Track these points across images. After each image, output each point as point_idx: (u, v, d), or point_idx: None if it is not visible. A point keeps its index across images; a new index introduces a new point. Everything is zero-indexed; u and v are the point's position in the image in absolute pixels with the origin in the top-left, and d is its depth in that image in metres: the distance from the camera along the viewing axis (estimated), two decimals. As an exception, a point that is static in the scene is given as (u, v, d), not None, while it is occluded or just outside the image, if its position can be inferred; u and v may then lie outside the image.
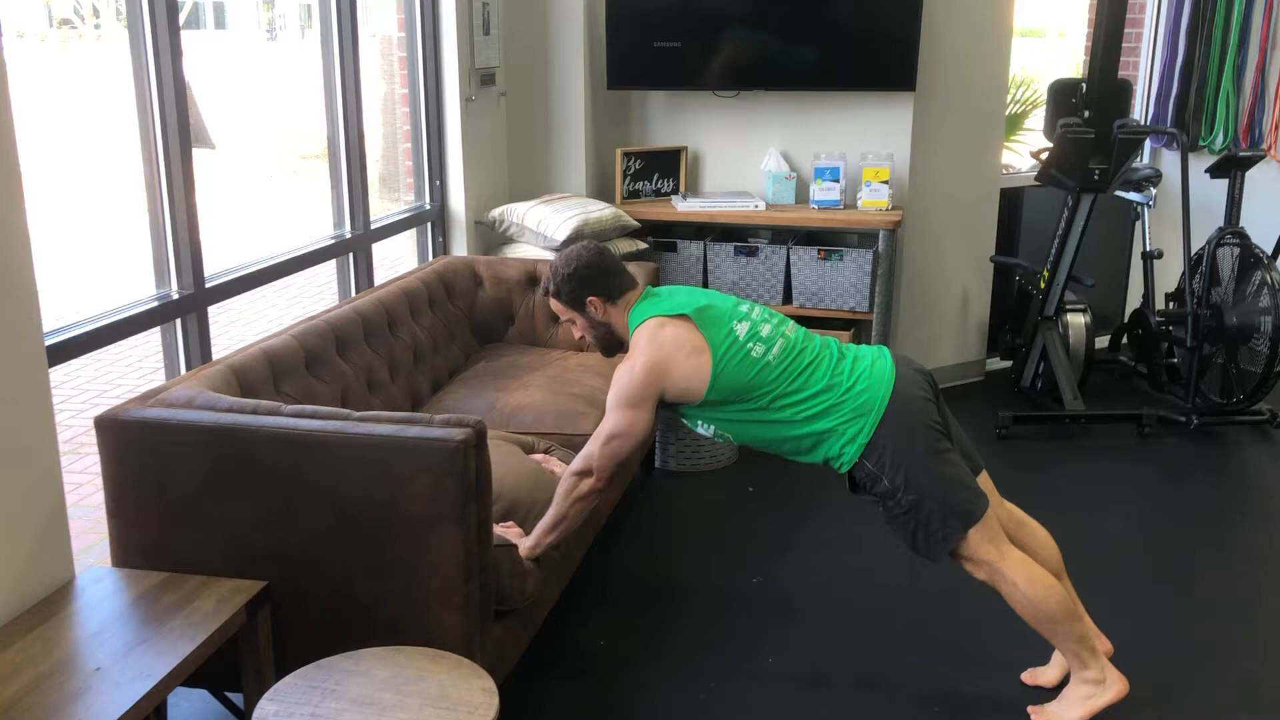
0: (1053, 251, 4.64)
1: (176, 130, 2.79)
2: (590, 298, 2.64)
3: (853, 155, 4.66)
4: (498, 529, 2.64)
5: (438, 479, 2.27)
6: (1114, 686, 2.59)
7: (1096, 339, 4.93)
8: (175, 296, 2.86)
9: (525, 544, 2.61)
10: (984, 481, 2.67)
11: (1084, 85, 4.31)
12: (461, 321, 3.88)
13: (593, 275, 2.64)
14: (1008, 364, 5.20)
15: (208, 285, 2.93)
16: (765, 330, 2.56)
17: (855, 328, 4.65)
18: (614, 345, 2.71)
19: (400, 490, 2.29)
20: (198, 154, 10.23)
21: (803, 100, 4.73)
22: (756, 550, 3.53)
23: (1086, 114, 4.29)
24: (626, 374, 2.54)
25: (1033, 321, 4.82)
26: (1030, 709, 2.67)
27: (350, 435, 2.29)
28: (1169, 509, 3.91)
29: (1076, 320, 4.79)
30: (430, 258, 4.34)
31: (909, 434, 2.47)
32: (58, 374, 5.67)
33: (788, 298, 4.61)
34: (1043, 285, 4.72)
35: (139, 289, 2.89)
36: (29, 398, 2.25)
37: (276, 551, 2.37)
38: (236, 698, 2.68)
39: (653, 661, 2.93)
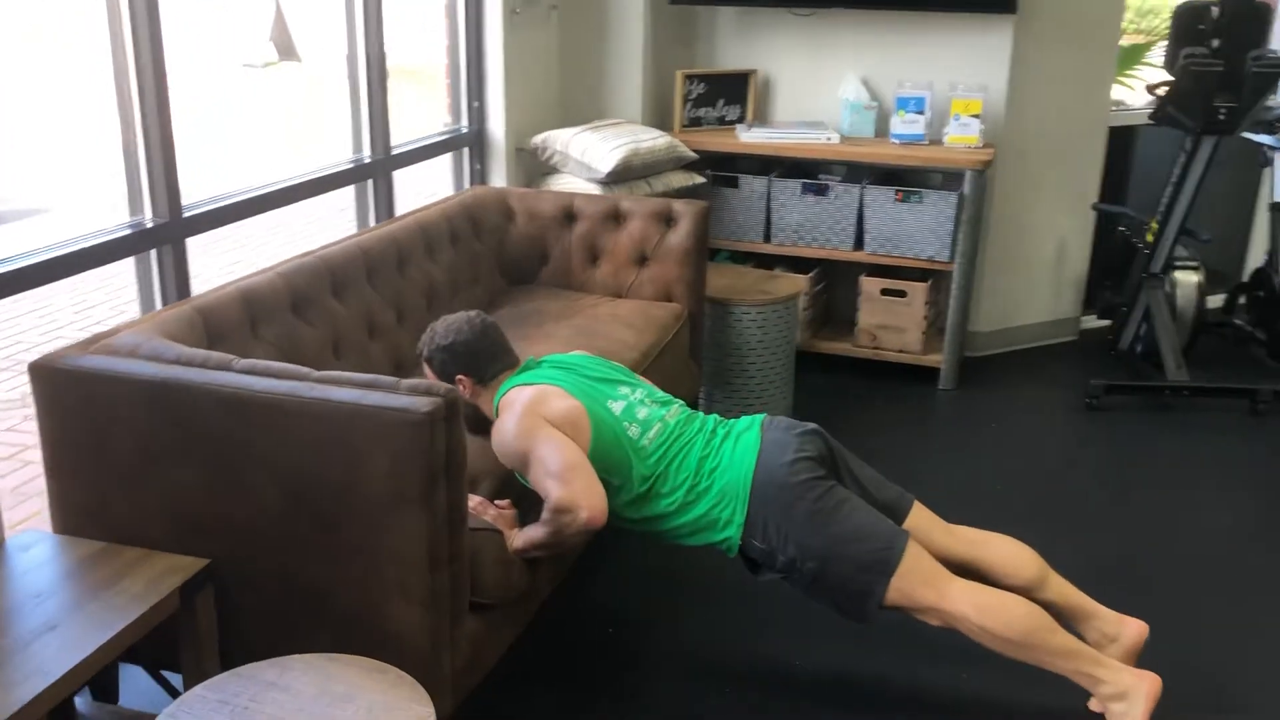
0: (1164, 200, 4.09)
1: (149, 43, 2.46)
2: (460, 375, 2.44)
3: (941, 85, 4.16)
4: (490, 510, 2.32)
5: (399, 455, 1.94)
6: (1141, 692, 2.22)
7: (1209, 299, 4.40)
8: (149, 225, 2.56)
9: (515, 540, 2.28)
10: (919, 517, 2.39)
11: (1215, 9, 3.73)
12: (490, 260, 3.54)
13: (467, 354, 2.44)
14: (1105, 323, 4.68)
15: (185, 215, 2.62)
16: (642, 413, 2.39)
17: (933, 279, 4.19)
18: (479, 425, 2.46)
19: (357, 466, 1.97)
20: (286, 67, 9.90)
21: (888, 20, 4.23)
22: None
23: (1215, 43, 3.72)
24: (503, 431, 2.31)
25: (1136, 278, 4.29)
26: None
27: (302, 400, 1.97)
28: (1281, 502, 3.43)
29: (1187, 279, 4.25)
30: (467, 187, 3.99)
31: (785, 501, 2.24)
32: (60, 297, 5.45)
33: (859, 243, 4.16)
34: (1150, 238, 4.19)
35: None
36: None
37: (222, 526, 2.08)
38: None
39: (662, 657, 2.60)
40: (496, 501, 2.36)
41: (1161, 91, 3.88)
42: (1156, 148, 4.68)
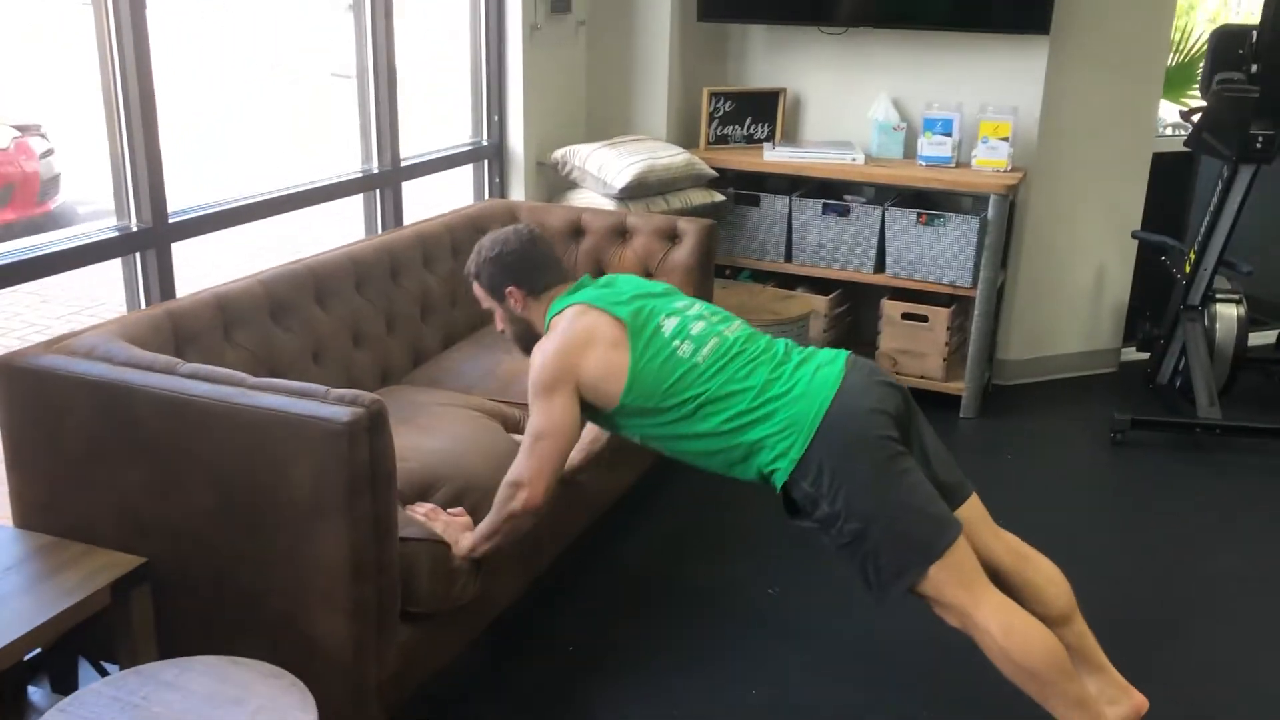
0: (1202, 230, 3.94)
1: (134, 52, 2.54)
2: (510, 288, 2.39)
3: (972, 106, 4.07)
4: (441, 518, 2.33)
5: (321, 464, 1.97)
6: None
7: (1265, 333, 4.20)
8: (134, 229, 2.64)
9: (463, 544, 2.29)
10: (972, 509, 2.24)
11: (1255, 33, 3.59)
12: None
13: (516, 264, 2.38)
14: (1145, 356, 4.51)
15: (171, 220, 2.69)
16: (697, 328, 2.26)
17: (956, 304, 4.09)
18: (531, 342, 2.38)
19: (282, 473, 2.00)
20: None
21: (919, 41, 4.16)
22: (778, 554, 3.10)
23: (1254, 69, 3.58)
24: (539, 358, 2.24)
25: (1174, 310, 4.14)
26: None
27: (231, 405, 2.01)
28: (1304, 550, 3.25)
29: (1227, 312, 4.07)
30: (486, 200, 4.02)
31: (851, 452, 2.09)
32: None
33: (880, 266, 4.09)
34: (1188, 269, 4.04)
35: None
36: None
37: (162, 526, 2.13)
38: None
39: (618, 676, 2.57)
40: (450, 510, 2.37)
41: (1197, 118, 3.74)
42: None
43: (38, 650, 2.29)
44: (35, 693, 2.34)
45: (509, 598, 2.57)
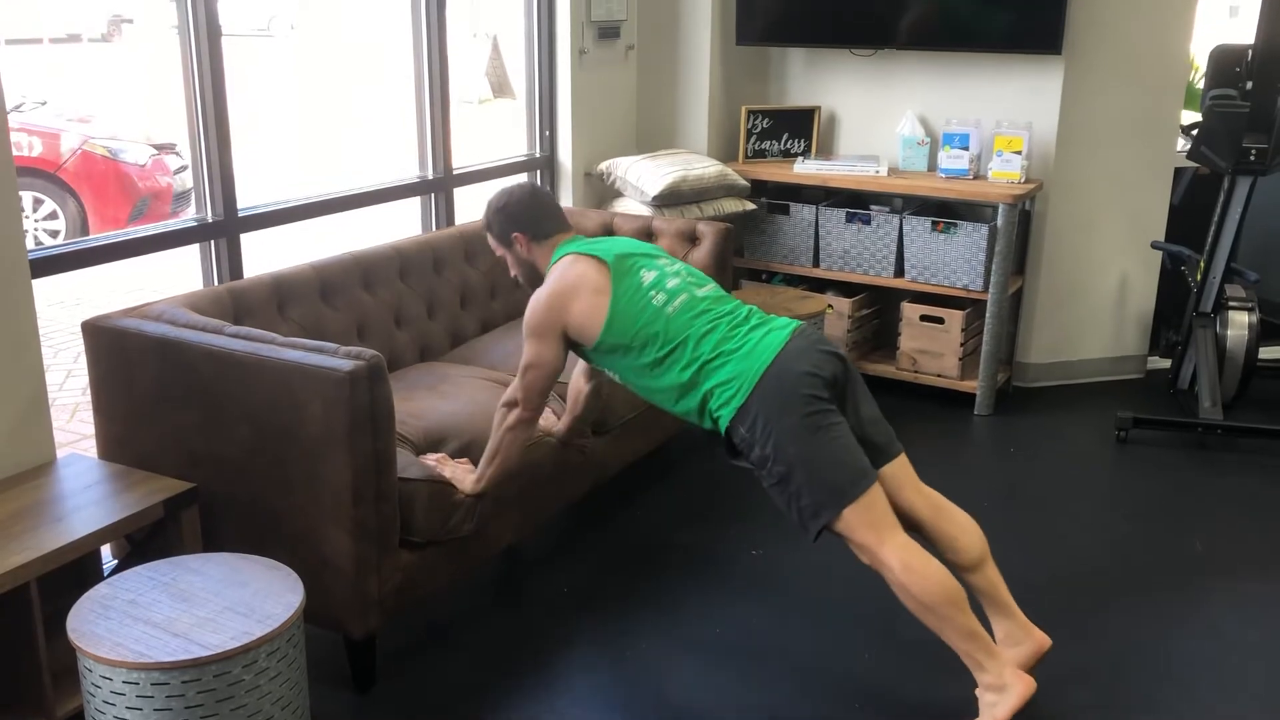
0: (1209, 240, 4.11)
1: (210, 70, 3.04)
2: (516, 234, 2.75)
3: (989, 122, 4.33)
4: (449, 465, 2.73)
5: (328, 405, 2.39)
6: (1015, 689, 2.37)
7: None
8: (209, 221, 3.14)
9: (468, 482, 2.69)
10: (898, 467, 2.53)
11: (1251, 52, 3.78)
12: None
13: (520, 213, 2.75)
14: (1169, 363, 4.67)
15: (240, 214, 3.18)
16: (672, 283, 2.58)
17: (972, 307, 4.34)
18: (538, 282, 2.76)
19: (300, 412, 2.43)
20: (501, 104, 10.72)
21: (942, 61, 4.44)
22: (768, 522, 3.41)
23: (1249, 85, 3.76)
24: (534, 301, 2.63)
25: (1190, 317, 4.31)
26: (957, 726, 2.48)
27: (261, 358, 2.46)
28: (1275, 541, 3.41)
29: (1239, 319, 4.22)
30: (538, 206, 4.45)
31: (782, 406, 2.39)
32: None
33: (900, 270, 4.37)
34: (1199, 278, 4.21)
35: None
36: (12, 303, 2.56)
37: (211, 457, 2.58)
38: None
39: (601, 614, 2.94)
40: (457, 460, 2.78)
41: (1195, 132, 3.93)
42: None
43: (116, 563, 2.79)
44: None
45: (507, 538, 2.95)
